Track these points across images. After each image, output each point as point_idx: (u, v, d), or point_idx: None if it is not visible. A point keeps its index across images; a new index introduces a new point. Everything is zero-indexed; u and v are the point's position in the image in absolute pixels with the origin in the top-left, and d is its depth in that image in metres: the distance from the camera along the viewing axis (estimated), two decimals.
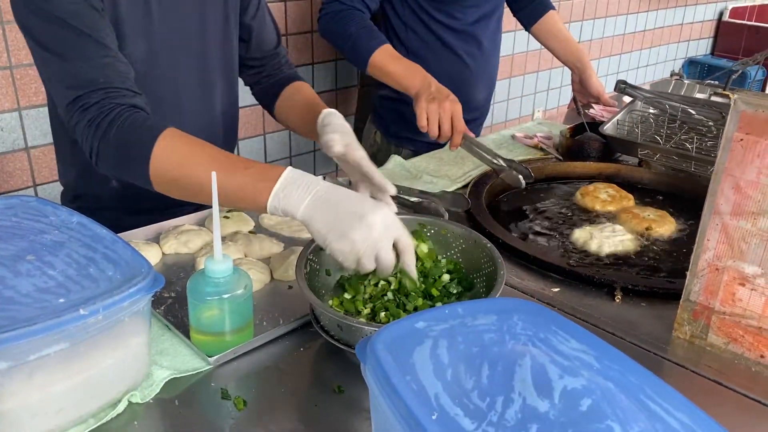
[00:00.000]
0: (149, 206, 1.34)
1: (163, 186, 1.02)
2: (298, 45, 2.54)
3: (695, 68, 4.81)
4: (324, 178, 1.42)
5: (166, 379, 0.86)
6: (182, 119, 1.29)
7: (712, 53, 4.98)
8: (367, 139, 2.09)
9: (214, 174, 0.86)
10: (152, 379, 0.85)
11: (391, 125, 2.00)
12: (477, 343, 0.69)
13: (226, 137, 1.45)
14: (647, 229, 1.36)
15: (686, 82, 2.78)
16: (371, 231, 0.86)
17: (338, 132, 1.08)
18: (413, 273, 0.92)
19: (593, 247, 1.28)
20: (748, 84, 4.31)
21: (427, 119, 1.49)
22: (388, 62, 1.61)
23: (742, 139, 0.87)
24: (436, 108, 1.48)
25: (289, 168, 0.94)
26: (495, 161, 1.53)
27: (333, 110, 1.19)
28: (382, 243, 0.88)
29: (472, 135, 1.54)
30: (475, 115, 2.02)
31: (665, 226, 1.37)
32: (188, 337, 0.93)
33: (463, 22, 1.87)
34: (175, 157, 0.99)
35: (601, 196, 1.47)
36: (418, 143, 1.92)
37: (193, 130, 1.19)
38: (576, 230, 1.33)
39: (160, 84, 1.25)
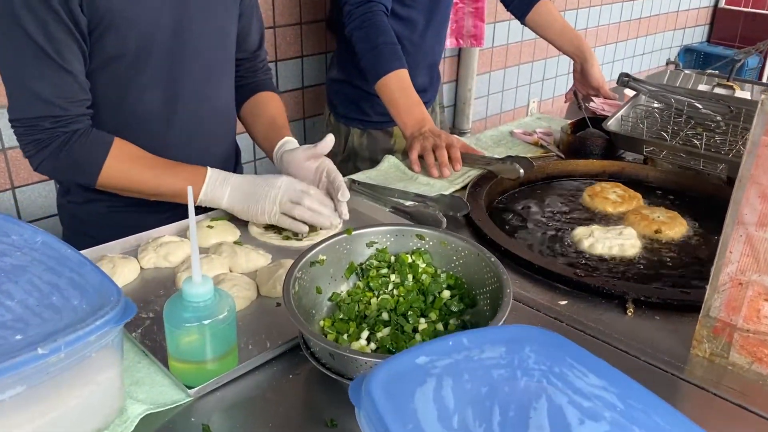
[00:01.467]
0: (140, 201, 1.26)
1: (111, 190, 1.21)
2: (287, 38, 2.45)
3: (691, 56, 4.74)
4: None
5: (142, 415, 0.78)
6: (188, 114, 1.27)
7: (708, 41, 4.91)
8: (324, 120, 2.09)
9: (190, 189, 0.77)
10: (126, 415, 0.78)
11: (339, 106, 1.97)
12: (486, 382, 0.62)
13: (230, 134, 1.42)
14: (657, 231, 1.29)
15: (686, 72, 2.71)
16: (266, 209, 1.17)
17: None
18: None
19: (600, 251, 1.21)
20: (745, 72, 4.25)
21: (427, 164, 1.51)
22: (394, 91, 1.61)
23: None
24: (431, 157, 1.49)
25: (210, 171, 1.20)
26: (489, 163, 1.48)
27: (289, 140, 1.34)
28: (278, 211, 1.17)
29: (474, 150, 1.56)
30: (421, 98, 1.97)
31: (675, 228, 1.30)
32: (167, 364, 0.85)
33: (411, 9, 1.81)
34: (118, 174, 1.17)
35: (611, 197, 1.40)
36: (366, 123, 1.93)
37: (200, 125, 1.30)
38: (581, 234, 1.25)
39: (153, 71, 1.19)
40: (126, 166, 1.17)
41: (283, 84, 2.51)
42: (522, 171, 1.43)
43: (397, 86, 1.61)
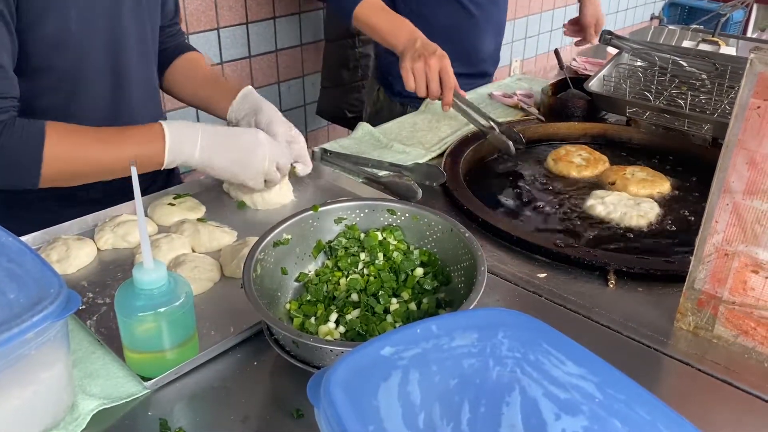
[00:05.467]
0: (89, 197, 1.17)
1: (57, 184, 1.03)
2: None
3: (676, 10, 4.65)
4: None
5: (95, 411, 0.73)
6: (127, 92, 1.17)
7: None
8: (369, 95, 1.96)
9: (133, 167, 0.71)
10: (78, 411, 0.73)
11: (395, 83, 1.82)
12: (455, 374, 0.57)
13: (158, 111, 1.33)
14: (612, 183, 1.29)
15: (670, 28, 2.64)
16: (260, 170, 1.07)
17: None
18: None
19: (608, 217, 1.18)
20: (730, 26, 4.17)
21: (414, 78, 1.41)
22: (373, 15, 1.52)
23: (759, 107, 0.74)
24: (422, 66, 1.39)
25: (165, 125, 1.03)
26: (485, 122, 1.41)
27: (249, 89, 1.22)
28: (270, 171, 1.09)
29: (462, 93, 1.45)
30: (482, 67, 1.88)
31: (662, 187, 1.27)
32: (123, 354, 0.80)
33: None
34: (64, 156, 1.00)
35: (575, 161, 1.35)
36: (414, 99, 1.78)
37: (140, 102, 1.20)
38: (591, 201, 1.22)
39: (98, 56, 1.10)
40: (70, 146, 1.00)
41: (255, 47, 2.41)
42: (513, 148, 1.37)
43: (372, 11, 1.52)
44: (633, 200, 1.19)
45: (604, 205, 1.18)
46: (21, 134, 0.97)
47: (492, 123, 1.42)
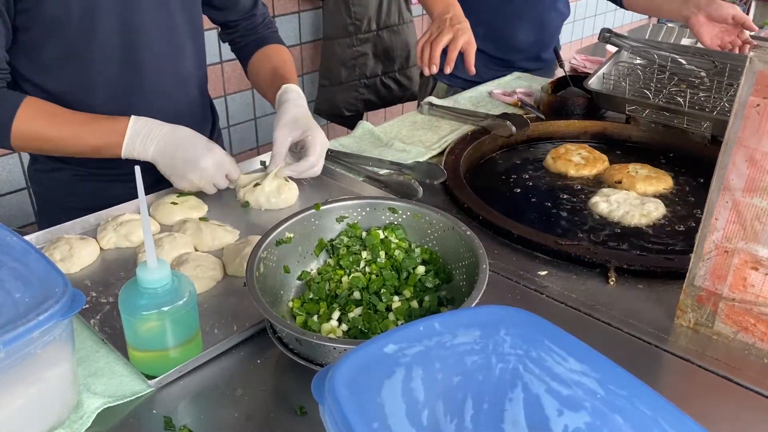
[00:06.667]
0: (104, 169, 1.22)
1: (29, 151, 1.19)
2: None
3: None
4: None
5: (99, 409, 0.74)
6: (151, 81, 1.20)
7: None
8: (427, 85, 2.07)
9: (138, 168, 0.72)
10: (82, 410, 0.73)
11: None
12: (458, 371, 0.58)
13: (201, 98, 1.36)
14: (618, 182, 1.29)
15: (669, 25, 2.65)
16: (204, 172, 1.11)
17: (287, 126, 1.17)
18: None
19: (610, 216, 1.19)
20: None
21: (426, 37, 1.44)
22: None
23: (758, 105, 0.75)
24: (436, 31, 1.42)
25: (133, 119, 1.10)
26: (481, 120, 1.45)
27: (290, 86, 1.23)
28: (216, 179, 1.13)
29: (471, 71, 1.43)
30: (513, 57, 1.92)
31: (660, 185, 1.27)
32: (127, 353, 0.80)
33: None
34: (30, 133, 1.09)
35: (574, 159, 1.36)
36: (457, 80, 1.90)
37: (159, 93, 1.22)
38: (596, 198, 1.23)
39: (107, 40, 1.13)
40: (39, 124, 1.09)
41: None
42: (514, 128, 1.41)
43: None
44: (639, 200, 1.20)
45: (608, 202, 1.19)
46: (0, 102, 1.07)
47: (489, 118, 1.46)
